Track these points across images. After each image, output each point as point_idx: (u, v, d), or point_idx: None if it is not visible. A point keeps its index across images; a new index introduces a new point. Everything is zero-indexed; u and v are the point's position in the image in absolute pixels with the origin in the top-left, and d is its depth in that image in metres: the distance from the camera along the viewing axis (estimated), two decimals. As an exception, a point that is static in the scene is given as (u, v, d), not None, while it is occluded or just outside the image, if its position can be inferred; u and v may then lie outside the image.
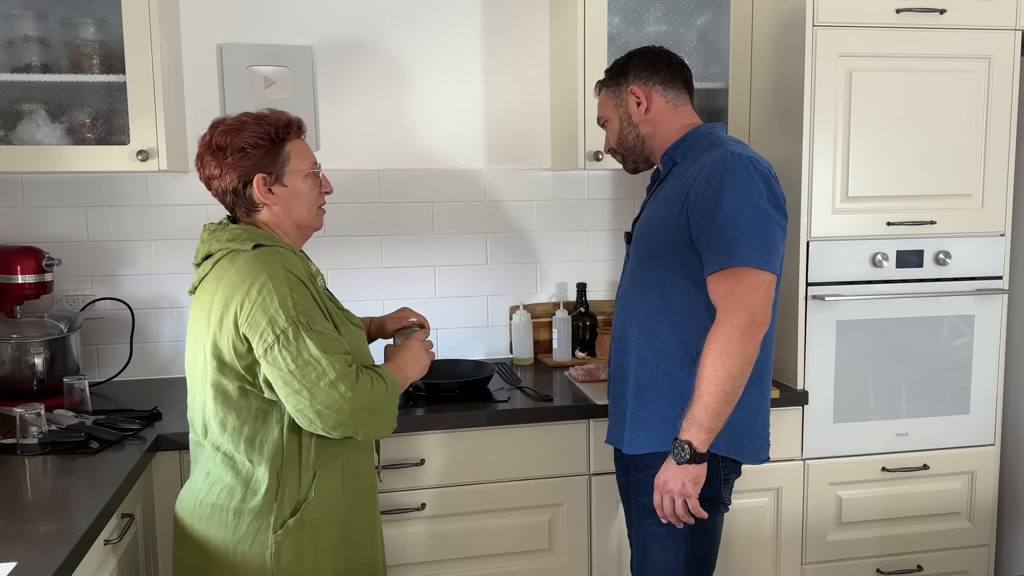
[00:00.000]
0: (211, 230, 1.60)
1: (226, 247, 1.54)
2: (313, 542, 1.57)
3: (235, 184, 1.55)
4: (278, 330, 1.44)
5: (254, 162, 1.54)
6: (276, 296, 1.45)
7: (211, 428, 1.56)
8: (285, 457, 1.54)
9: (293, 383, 1.45)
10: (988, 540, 2.46)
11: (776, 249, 1.63)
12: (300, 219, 1.62)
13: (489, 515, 2.16)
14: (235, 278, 1.48)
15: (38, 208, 2.42)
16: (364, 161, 2.58)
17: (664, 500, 1.68)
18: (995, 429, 2.42)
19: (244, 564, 1.54)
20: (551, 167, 2.70)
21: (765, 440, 1.82)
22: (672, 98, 1.82)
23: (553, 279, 2.76)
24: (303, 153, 1.61)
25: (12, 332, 2.20)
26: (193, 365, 1.58)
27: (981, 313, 2.36)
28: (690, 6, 2.54)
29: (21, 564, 1.26)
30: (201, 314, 1.53)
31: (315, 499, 1.56)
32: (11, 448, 1.82)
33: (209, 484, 1.56)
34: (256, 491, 1.53)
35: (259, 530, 1.53)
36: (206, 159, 1.56)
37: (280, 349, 1.45)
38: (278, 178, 1.57)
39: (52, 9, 2.24)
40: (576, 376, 2.39)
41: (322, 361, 1.46)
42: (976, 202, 2.31)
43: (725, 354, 1.57)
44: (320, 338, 1.47)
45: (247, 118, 1.57)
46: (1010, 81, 2.28)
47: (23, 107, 2.22)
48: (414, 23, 2.58)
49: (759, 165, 1.65)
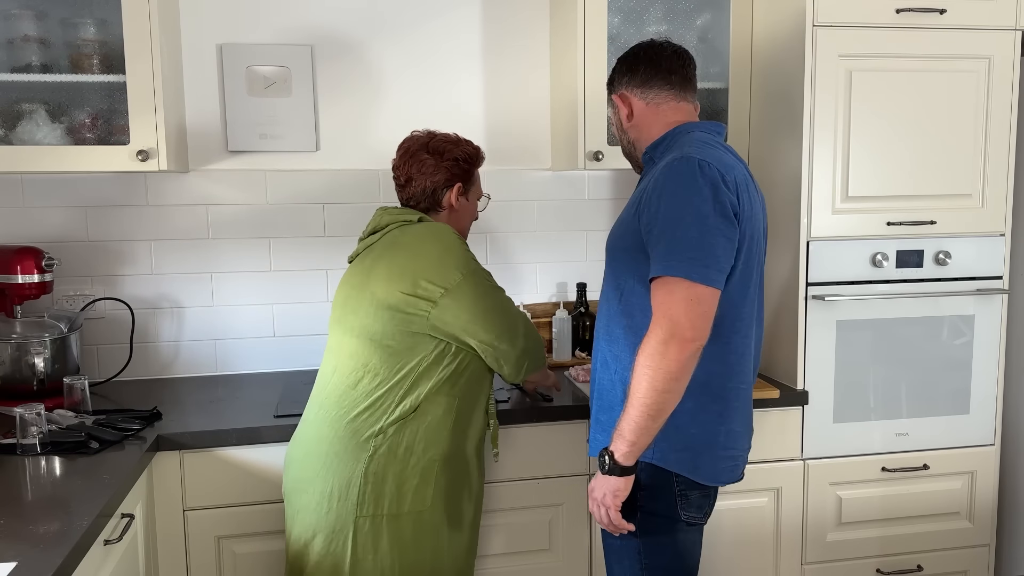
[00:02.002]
0: (385, 210, 1.90)
1: (396, 219, 1.85)
2: (410, 453, 1.77)
3: (439, 183, 1.88)
4: (465, 270, 1.76)
5: (459, 172, 1.90)
6: (457, 249, 1.78)
7: (362, 370, 1.76)
8: (423, 371, 1.77)
9: (479, 310, 1.75)
10: (988, 540, 2.46)
11: (715, 260, 1.52)
12: (461, 230, 1.95)
13: (489, 515, 2.16)
14: (411, 240, 1.79)
15: (38, 208, 2.42)
16: (364, 161, 2.58)
17: (592, 507, 1.66)
18: (995, 429, 2.42)
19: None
20: (551, 167, 2.70)
21: (729, 462, 1.72)
22: (652, 98, 1.75)
23: (553, 279, 2.76)
24: (479, 183, 2.00)
25: (12, 332, 2.20)
26: (349, 320, 1.80)
27: (981, 313, 2.36)
28: (690, 6, 2.54)
29: (21, 564, 1.26)
30: (363, 271, 1.80)
31: (420, 415, 1.77)
32: (11, 448, 1.82)
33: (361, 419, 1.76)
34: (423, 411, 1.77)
35: (375, 423, 1.76)
36: (423, 156, 1.88)
37: (467, 285, 1.75)
38: (465, 192, 1.92)
39: (52, 9, 2.24)
40: (576, 376, 2.39)
41: (502, 296, 1.84)
42: (976, 202, 2.31)
43: (648, 366, 1.51)
44: (495, 288, 1.84)
45: (458, 137, 1.94)
46: (1010, 81, 2.28)
47: (23, 107, 2.22)
48: (414, 23, 2.58)
49: (708, 169, 1.54)
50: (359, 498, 1.73)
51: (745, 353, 1.70)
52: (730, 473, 1.74)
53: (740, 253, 1.60)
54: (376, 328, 1.75)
